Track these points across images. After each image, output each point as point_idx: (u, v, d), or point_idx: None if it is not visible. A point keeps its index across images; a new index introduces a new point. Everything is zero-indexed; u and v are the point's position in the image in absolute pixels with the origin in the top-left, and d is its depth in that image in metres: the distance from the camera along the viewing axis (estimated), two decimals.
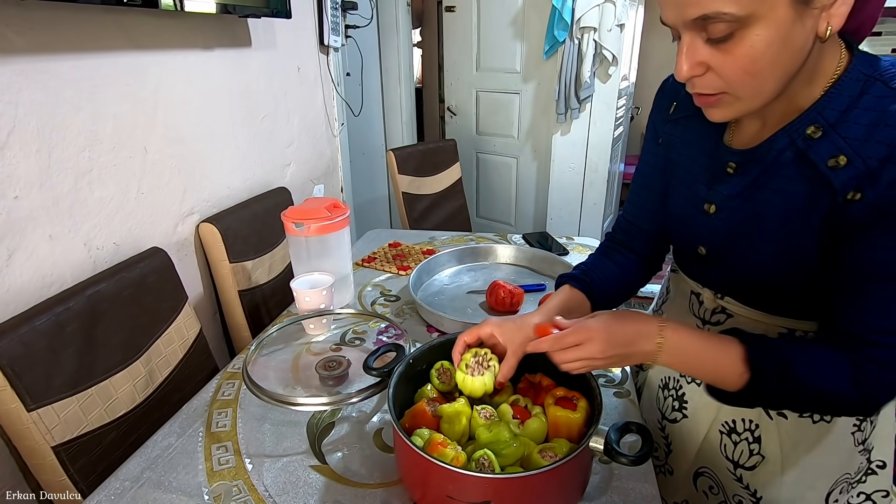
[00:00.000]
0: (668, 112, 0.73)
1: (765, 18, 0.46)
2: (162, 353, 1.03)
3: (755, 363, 0.53)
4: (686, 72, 0.52)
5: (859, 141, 0.50)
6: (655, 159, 0.76)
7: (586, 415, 0.67)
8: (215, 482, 0.70)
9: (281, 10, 1.44)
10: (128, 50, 1.07)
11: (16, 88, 0.86)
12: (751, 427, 0.71)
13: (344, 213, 1.11)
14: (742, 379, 0.54)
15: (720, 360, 0.56)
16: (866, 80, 0.51)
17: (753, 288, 0.65)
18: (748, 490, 0.72)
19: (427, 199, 2.14)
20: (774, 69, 0.49)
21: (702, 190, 0.65)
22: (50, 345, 0.82)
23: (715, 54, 0.50)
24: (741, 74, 0.49)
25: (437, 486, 0.60)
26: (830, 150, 0.52)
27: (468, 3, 2.74)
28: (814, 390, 0.53)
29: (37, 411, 0.78)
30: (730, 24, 0.46)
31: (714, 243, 0.66)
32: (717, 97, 0.53)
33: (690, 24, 0.49)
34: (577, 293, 0.75)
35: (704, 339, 0.57)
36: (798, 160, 0.55)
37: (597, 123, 2.57)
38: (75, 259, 0.99)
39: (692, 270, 0.75)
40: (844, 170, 0.51)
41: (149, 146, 1.14)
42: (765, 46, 0.47)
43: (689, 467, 0.79)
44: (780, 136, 0.56)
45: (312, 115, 1.87)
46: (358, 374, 0.88)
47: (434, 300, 1.19)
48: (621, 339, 0.58)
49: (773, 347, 0.54)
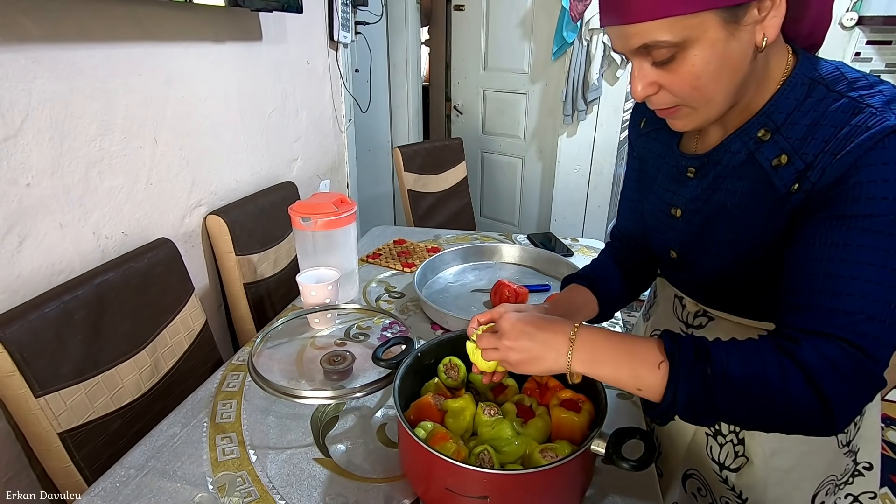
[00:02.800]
0: (639, 127, 0.78)
1: (699, 40, 0.50)
2: (168, 344, 1.03)
3: (669, 348, 0.52)
4: (640, 92, 0.56)
5: (799, 140, 0.54)
6: (632, 172, 0.81)
7: (590, 418, 0.67)
8: (219, 472, 0.71)
9: (292, 4, 1.44)
10: (140, 41, 1.08)
11: (30, 76, 0.86)
12: (735, 429, 0.72)
13: (351, 208, 1.12)
14: (662, 370, 0.52)
15: (635, 353, 0.54)
16: (810, 84, 0.55)
17: (722, 290, 0.67)
18: (734, 492, 0.74)
19: (432, 196, 2.14)
20: (718, 82, 0.53)
21: (668, 195, 0.69)
22: (58, 332, 0.83)
23: (662, 74, 0.54)
24: (689, 90, 0.54)
25: (437, 478, 0.61)
26: (774, 151, 0.56)
27: (477, 3, 2.74)
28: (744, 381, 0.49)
29: (44, 397, 0.79)
30: (669, 48, 0.51)
31: (683, 245, 0.68)
32: (675, 109, 0.57)
33: (636, 52, 0.54)
34: (584, 290, 0.77)
35: (617, 335, 0.57)
36: (748, 161, 0.59)
37: (603, 126, 2.57)
38: (84, 248, 1.00)
39: (669, 275, 0.78)
40: (786, 168, 0.55)
41: (159, 137, 1.14)
42: (704, 64, 0.51)
43: (678, 469, 0.81)
44: (733, 140, 0.60)
45: (320, 111, 1.87)
46: (362, 369, 0.88)
47: (438, 298, 1.19)
48: (533, 329, 0.58)
49: (687, 336, 0.54)
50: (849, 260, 0.49)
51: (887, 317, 0.48)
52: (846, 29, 2.06)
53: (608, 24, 0.54)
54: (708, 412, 0.51)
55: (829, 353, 0.48)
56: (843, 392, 0.47)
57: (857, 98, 0.52)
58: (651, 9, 0.49)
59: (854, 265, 0.49)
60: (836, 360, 0.47)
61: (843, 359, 0.48)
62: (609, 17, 0.54)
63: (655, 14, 0.49)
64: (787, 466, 0.70)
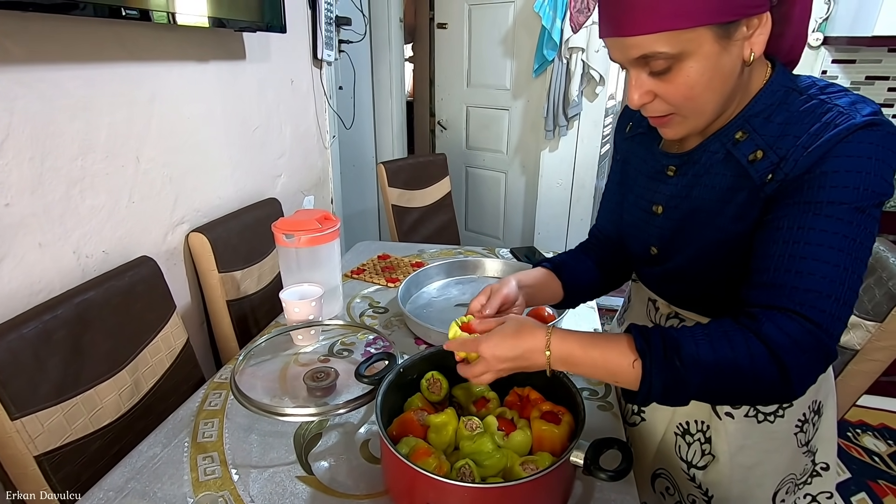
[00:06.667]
0: (625, 131, 0.82)
1: (695, 53, 0.54)
2: (148, 363, 1.02)
3: (640, 346, 0.55)
4: (637, 100, 0.60)
5: (774, 137, 0.59)
6: (615, 174, 0.85)
7: (570, 429, 0.69)
8: (201, 492, 0.71)
9: (276, 24, 1.46)
10: (124, 61, 1.08)
11: (12, 97, 0.86)
12: (702, 428, 0.76)
13: (334, 225, 1.13)
14: (636, 368, 0.54)
15: (609, 355, 0.56)
16: (786, 91, 0.60)
17: (696, 285, 0.71)
18: (700, 489, 0.77)
19: (416, 211, 2.16)
20: (711, 92, 0.57)
21: (648, 193, 0.73)
22: (36, 353, 0.82)
23: (658, 84, 0.58)
24: (682, 99, 0.58)
25: (420, 494, 0.62)
26: (750, 147, 0.61)
27: (460, 21, 2.80)
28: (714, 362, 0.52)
29: (20, 420, 0.77)
30: (667, 59, 0.55)
31: (663, 241, 0.72)
32: (668, 118, 0.61)
33: (634, 62, 0.57)
34: (550, 276, 0.83)
35: (591, 339, 0.59)
36: (725, 158, 0.63)
37: (584, 141, 2.62)
38: (64, 267, 0.99)
39: (646, 274, 0.81)
40: (761, 162, 0.59)
41: (141, 155, 1.14)
42: (698, 75, 0.55)
43: (648, 469, 0.84)
44: (712, 141, 0.65)
45: (304, 127, 1.89)
46: (346, 386, 0.89)
47: (422, 312, 1.20)
48: (508, 349, 0.60)
49: (654, 328, 0.57)
50: (811, 242, 0.53)
51: (841, 295, 0.52)
52: (813, 48, 2.14)
53: (609, 35, 0.58)
54: (682, 396, 0.54)
55: (788, 328, 0.52)
56: (802, 364, 0.51)
57: (825, 99, 0.57)
58: (651, 23, 0.53)
59: (815, 247, 0.53)
60: (795, 335, 0.51)
61: (801, 333, 0.52)
62: (610, 29, 0.57)
63: (655, 28, 0.53)
64: (750, 463, 0.73)
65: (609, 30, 0.57)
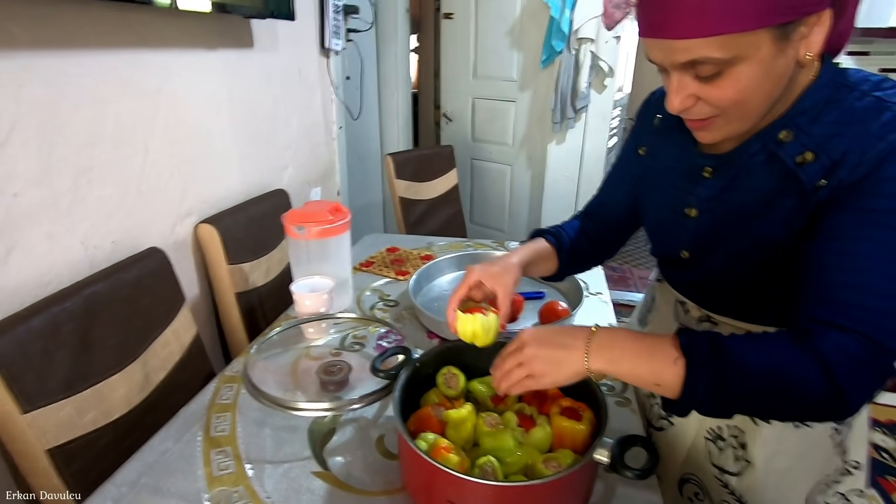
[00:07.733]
0: (652, 124, 0.77)
1: (750, 58, 0.49)
2: (158, 356, 1.01)
3: (685, 343, 0.53)
4: (678, 105, 0.55)
5: (825, 137, 0.54)
6: (631, 166, 0.82)
7: (591, 426, 0.67)
8: (215, 488, 0.69)
9: (282, 11, 1.43)
10: (131, 48, 1.06)
11: (18, 84, 0.84)
12: (736, 433, 0.73)
13: (345, 216, 1.11)
14: (678, 366, 0.52)
15: (653, 350, 0.55)
16: (836, 87, 0.55)
17: (729, 292, 0.68)
18: (734, 495, 0.74)
19: (423, 204, 2.14)
20: (760, 95, 0.53)
21: (681, 195, 0.69)
22: (45, 346, 0.80)
23: (703, 88, 0.53)
24: (729, 103, 0.53)
25: (439, 491, 0.60)
26: (797, 149, 0.56)
27: (466, 11, 2.76)
28: (762, 372, 0.50)
29: (31, 413, 0.76)
30: (716, 65, 0.50)
31: (696, 245, 0.68)
32: (709, 121, 0.57)
33: (679, 66, 0.52)
34: (548, 246, 0.84)
35: (635, 334, 0.58)
36: (768, 160, 0.59)
37: (592, 133, 2.60)
38: (72, 258, 0.98)
39: (675, 278, 0.78)
40: (811, 164, 0.55)
41: (149, 145, 1.13)
42: (750, 80, 0.51)
43: (675, 474, 0.82)
44: (753, 141, 0.60)
45: (311, 118, 1.86)
46: (359, 380, 0.87)
47: (433, 305, 1.19)
48: (552, 335, 0.60)
49: (702, 332, 0.55)
50: (869, 255, 0.50)
51: None
52: None
53: (652, 35, 0.53)
54: (726, 404, 0.51)
55: (846, 344, 0.49)
56: (858, 382, 0.49)
57: (882, 97, 0.52)
58: (704, 26, 0.48)
59: (874, 260, 0.50)
60: (855, 353, 0.48)
61: (861, 352, 0.49)
62: (654, 30, 0.52)
63: (708, 31, 0.48)
64: (784, 468, 0.71)
65: (652, 29, 0.52)
